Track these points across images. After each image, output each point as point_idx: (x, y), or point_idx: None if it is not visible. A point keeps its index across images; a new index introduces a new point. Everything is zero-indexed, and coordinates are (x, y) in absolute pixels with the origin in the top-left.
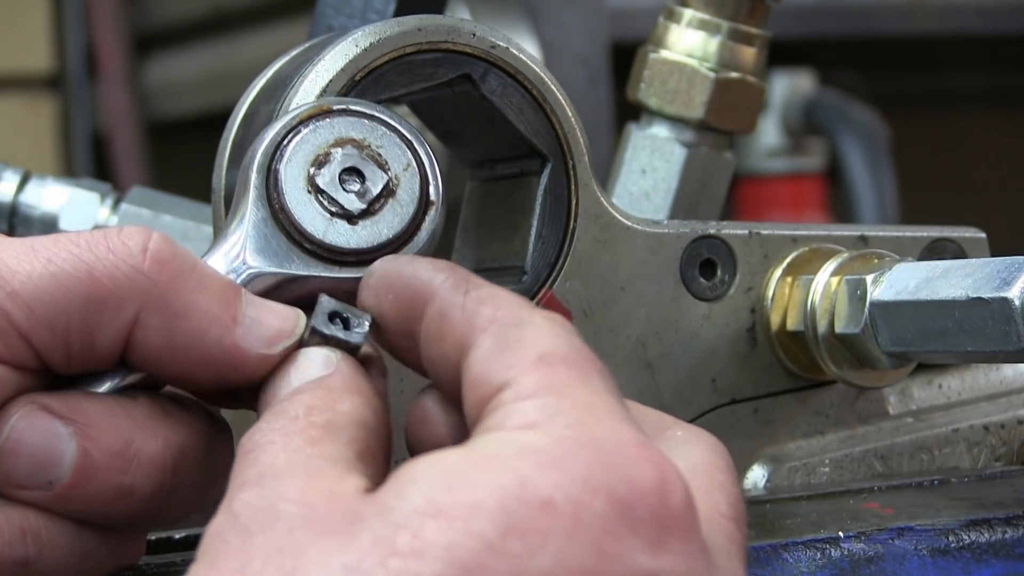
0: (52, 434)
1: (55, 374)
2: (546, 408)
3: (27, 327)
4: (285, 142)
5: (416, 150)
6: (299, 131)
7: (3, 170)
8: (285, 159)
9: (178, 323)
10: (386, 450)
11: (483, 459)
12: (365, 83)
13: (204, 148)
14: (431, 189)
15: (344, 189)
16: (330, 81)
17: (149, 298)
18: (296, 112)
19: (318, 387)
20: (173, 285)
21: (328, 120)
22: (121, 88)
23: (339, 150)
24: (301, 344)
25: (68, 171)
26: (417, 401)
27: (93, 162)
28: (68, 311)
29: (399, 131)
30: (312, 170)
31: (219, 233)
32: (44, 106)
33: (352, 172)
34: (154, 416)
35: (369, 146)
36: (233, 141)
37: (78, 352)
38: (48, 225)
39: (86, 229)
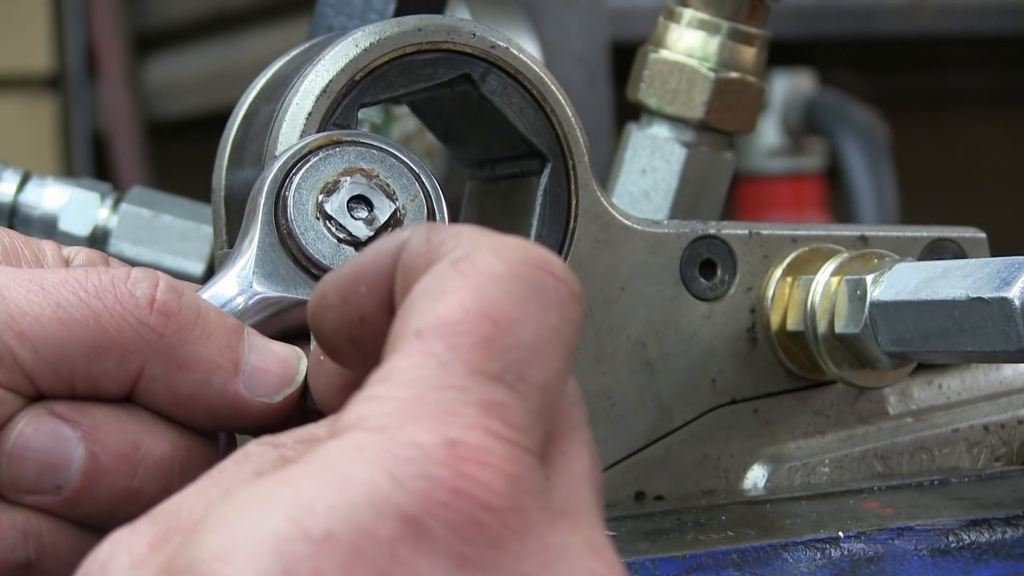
0: (60, 438)
1: None
2: (374, 401)
3: (31, 367)
4: (295, 170)
5: (423, 183)
6: (309, 160)
7: (3, 170)
8: (294, 186)
9: (182, 375)
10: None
11: (278, 484)
12: (365, 83)
13: (204, 148)
14: (437, 221)
15: (352, 216)
16: (330, 81)
17: (154, 351)
18: (306, 141)
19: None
20: (178, 337)
21: (338, 150)
22: (121, 88)
23: (348, 179)
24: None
25: (68, 171)
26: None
27: (93, 162)
28: (74, 357)
29: (407, 163)
30: (320, 197)
31: (225, 256)
32: (44, 106)
33: (360, 200)
34: (161, 419)
35: (378, 176)
36: (233, 141)
37: (82, 394)
38: (48, 225)
39: (86, 229)
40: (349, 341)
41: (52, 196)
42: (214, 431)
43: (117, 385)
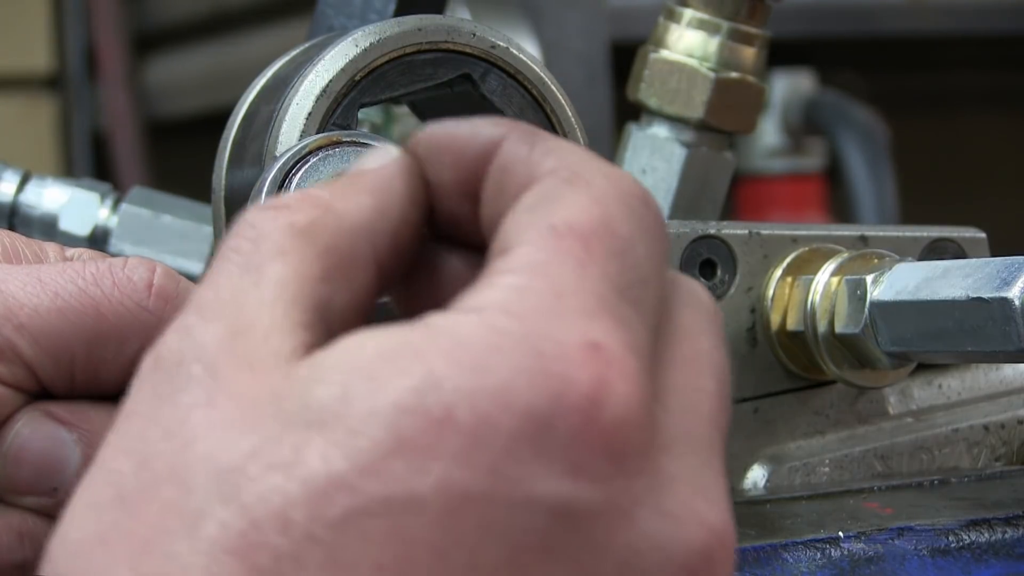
0: (57, 440)
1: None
2: (511, 289)
3: (32, 358)
4: (294, 170)
5: None
6: (308, 160)
7: (3, 170)
8: (293, 186)
9: None
10: (405, 251)
11: (403, 350)
12: (365, 83)
13: (204, 148)
14: None
15: None
16: (330, 81)
17: (153, 335)
18: (306, 142)
19: (320, 186)
20: None
21: (338, 150)
22: (121, 88)
23: None
24: None
25: (68, 171)
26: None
27: (93, 162)
28: (73, 345)
29: None
30: None
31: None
32: (44, 106)
33: None
34: None
35: None
36: (233, 141)
37: (81, 382)
38: (48, 225)
39: (86, 230)
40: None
41: (52, 196)
42: None
43: (116, 372)
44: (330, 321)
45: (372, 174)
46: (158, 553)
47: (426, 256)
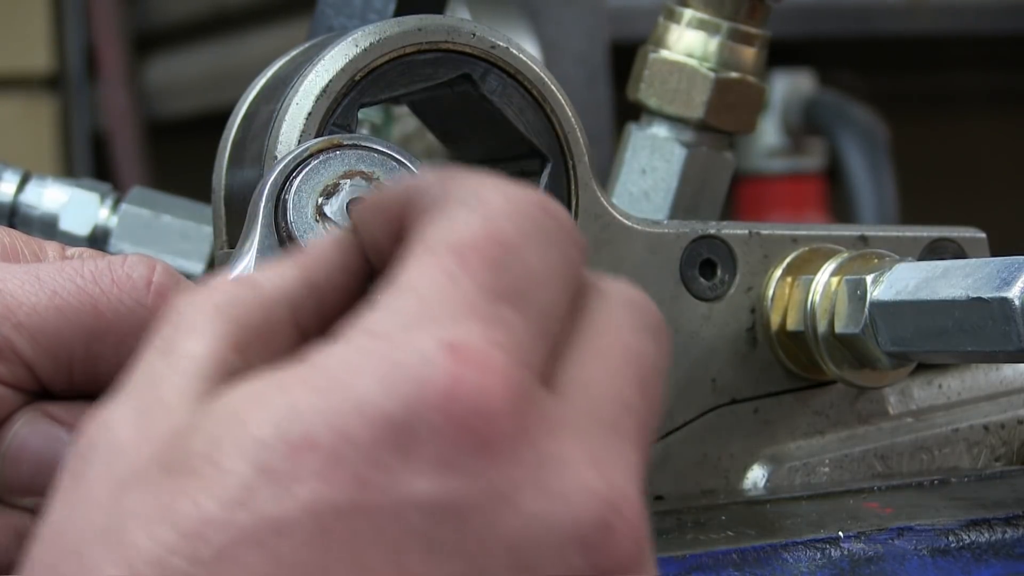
0: (55, 440)
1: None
2: (378, 310)
3: (31, 358)
4: (295, 173)
5: None
6: (309, 163)
7: (3, 170)
8: (294, 189)
9: None
10: (336, 313)
11: (271, 387)
12: (365, 83)
13: (204, 148)
14: None
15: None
16: (330, 81)
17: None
18: (307, 145)
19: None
20: None
21: (339, 153)
22: (121, 88)
23: (348, 181)
24: None
25: (68, 171)
26: None
27: (93, 162)
28: (72, 343)
29: (408, 167)
30: (320, 200)
31: (225, 258)
32: (44, 106)
33: (359, 202)
34: None
35: (378, 179)
36: (233, 141)
37: (80, 380)
38: (48, 225)
39: (86, 229)
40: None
41: (52, 196)
42: None
43: (115, 370)
44: None
45: (305, 251)
46: None
47: None
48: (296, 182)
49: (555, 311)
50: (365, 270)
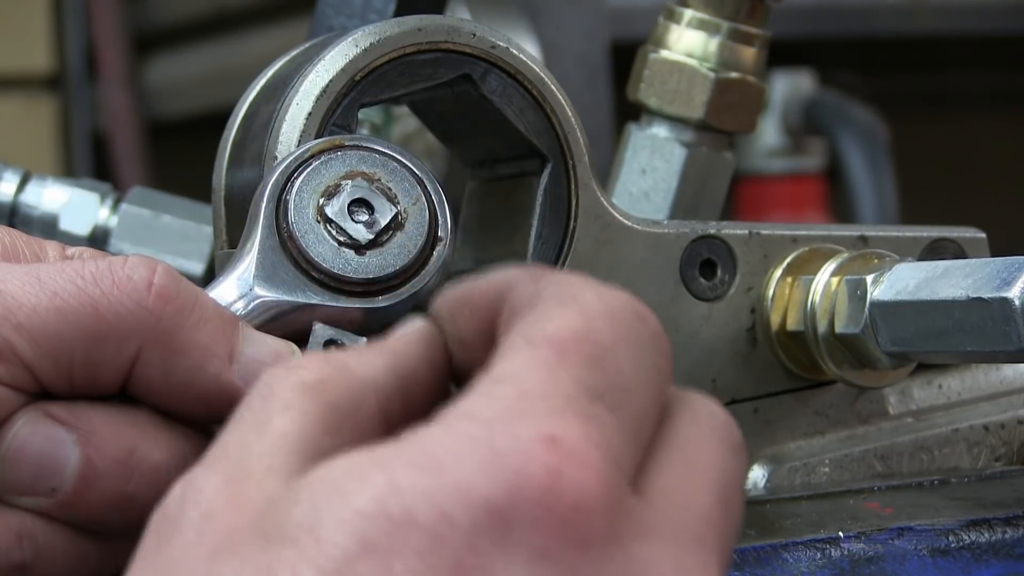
0: (55, 441)
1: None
2: (479, 396)
3: (32, 359)
4: (296, 174)
5: (426, 186)
6: (310, 164)
7: (3, 170)
8: (295, 190)
9: (178, 359)
10: (419, 406)
11: (369, 463)
12: (365, 83)
13: (204, 148)
14: (440, 226)
15: (353, 219)
16: (330, 81)
17: (152, 334)
18: (308, 145)
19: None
20: (176, 322)
21: (340, 154)
22: (121, 88)
23: (349, 182)
24: None
25: (68, 171)
26: None
27: (93, 162)
28: (72, 345)
29: (409, 167)
30: (321, 200)
31: (226, 258)
32: (44, 106)
33: (361, 203)
34: (158, 424)
35: (379, 180)
36: (233, 141)
37: (80, 382)
38: (48, 225)
39: (86, 229)
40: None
41: (52, 196)
42: (208, 421)
43: (114, 372)
44: None
45: (392, 339)
46: None
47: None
48: (297, 183)
49: (646, 418)
50: (448, 366)
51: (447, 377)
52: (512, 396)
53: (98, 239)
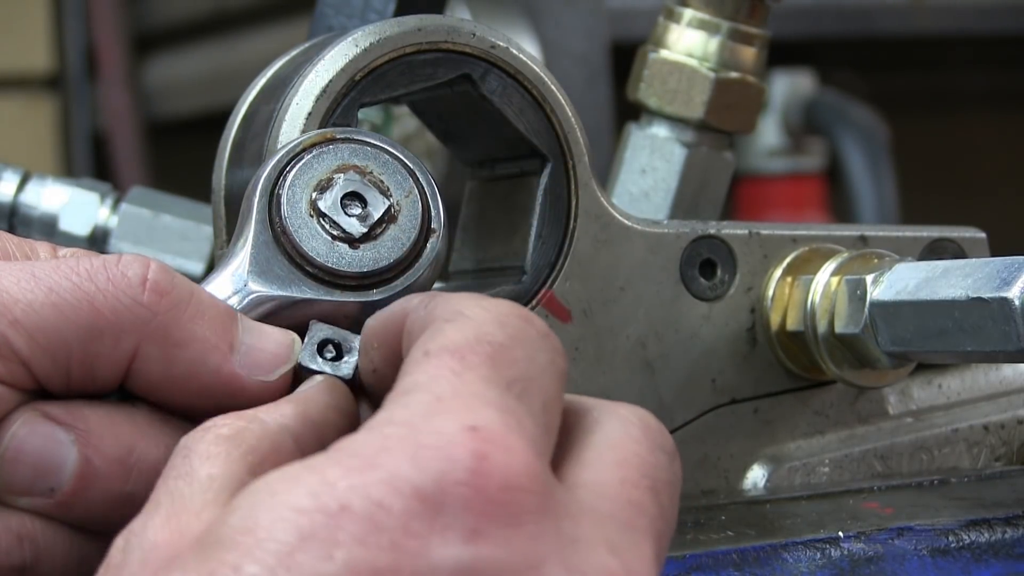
0: (53, 441)
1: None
2: (395, 406)
3: (28, 355)
4: (288, 168)
5: (419, 179)
6: (302, 158)
7: (3, 170)
8: (288, 184)
9: (177, 353)
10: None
11: (300, 469)
12: (365, 83)
13: (204, 148)
14: (433, 218)
15: (346, 213)
16: (330, 81)
17: (149, 329)
18: (300, 140)
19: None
20: (172, 315)
21: (331, 147)
22: (121, 88)
23: (341, 175)
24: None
25: (68, 171)
26: None
27: (93, 162)
28: (69, 341)
29: (402, 160)
30: (314, 194)
31: (221, 256)
32: (44, 106)
33: (354, 197)
34: (156, 423)
35: (371, 173)
36: (233, 141)
37: (78, 379)
38: (48, 225)
39: (86, 229)
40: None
41: (52, 196)
42: (209, 414)
43: (112, 368)
44: None
45: (298, 391)
46: None
47: None
48: (289, 177)
49: (552, 405)
50: (355, 412)
51: (357, 422)
52: (426, 400)
53: (98, 239)
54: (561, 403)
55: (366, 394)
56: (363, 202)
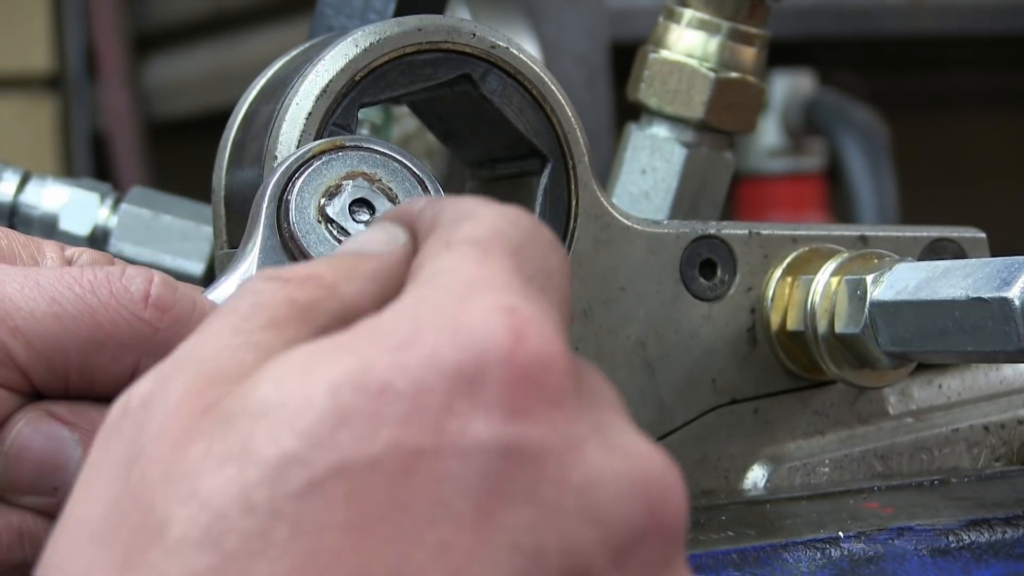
0: (58, 440)
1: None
2: (424, 287)
3: (26, 362)
4: (297, 174)
5: (426, 187)
6: (311, 164)
7: (3, 170)
8: (296, 190)
9: None
10: None
11: (332, 347)
12: (365, 83)
13: (204, 148)
14: None
15: (354, 219)
16: (330, 81)
17: (150, 345)
18: (310, 146)
19: (325, 263)
20: (174, 331)
21: (341, 154)
22: (121, 88)
23: (350, 182)
24: None
25: (68, 171)
26: None
27: (93, 162)
28: (68, 351)
29: (410, 167)
30: (323, 200)
31: (224, 258)
32: (44, 106)
33: (362, 203)
34: None
35: (380, 180)
36: (233, 141)
37: (76, 388)
38: (48, 225)
39: (86, 229)
40: None
41: (52, 196)
42: None
43: (112, 380)
44: None
45: (376, 260)
46: (133, 569)
47: None
48: (298, 183)
49: (566, 305)
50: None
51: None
52: (456, 283)
53: (98, 239)
54: (571, 304)
55: None
56: (371, 209)
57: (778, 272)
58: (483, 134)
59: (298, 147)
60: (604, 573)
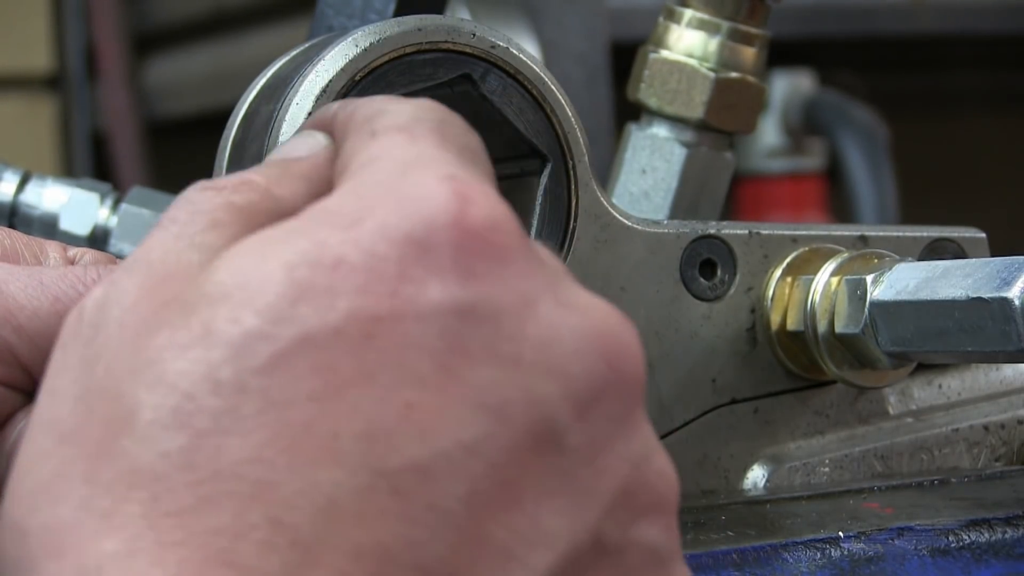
0: None
1: None
2: (360, 174)
3: (30, 362)
4: None
5: None
6: None
7: (3, 170)
8: None
9: None
10: None
11: (282, 231)
12: (365, 83)
13: (204, 148)
14: None
15: None
16: (330, 81)
17: None
18: None
19: (254, 170)
20: None
21: None
22: (121, 88)
23: None
24: None
25: (68, 171)
26: None
27: (93, 162)
28: None
29: None
30: None
31: None
32: (44, 106)
33: None
34: None
35: None
36: (233, 141)
37: None
38: (48, 225)
39: (86, 229)
40: None
41: (52, 196)
42: None
43: None
44: None
45: (305, 162)
46: (106, 458)
47: None
48: None
49: (494, 179)
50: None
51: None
52: (391, 164)
53: (98, 239)
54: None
55: None
56: None
57: (778, 272)
58: (483, 134)
59: None
60: (568, 426)
